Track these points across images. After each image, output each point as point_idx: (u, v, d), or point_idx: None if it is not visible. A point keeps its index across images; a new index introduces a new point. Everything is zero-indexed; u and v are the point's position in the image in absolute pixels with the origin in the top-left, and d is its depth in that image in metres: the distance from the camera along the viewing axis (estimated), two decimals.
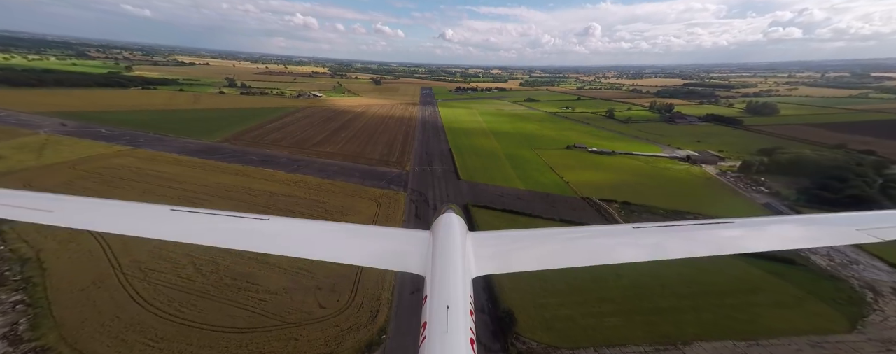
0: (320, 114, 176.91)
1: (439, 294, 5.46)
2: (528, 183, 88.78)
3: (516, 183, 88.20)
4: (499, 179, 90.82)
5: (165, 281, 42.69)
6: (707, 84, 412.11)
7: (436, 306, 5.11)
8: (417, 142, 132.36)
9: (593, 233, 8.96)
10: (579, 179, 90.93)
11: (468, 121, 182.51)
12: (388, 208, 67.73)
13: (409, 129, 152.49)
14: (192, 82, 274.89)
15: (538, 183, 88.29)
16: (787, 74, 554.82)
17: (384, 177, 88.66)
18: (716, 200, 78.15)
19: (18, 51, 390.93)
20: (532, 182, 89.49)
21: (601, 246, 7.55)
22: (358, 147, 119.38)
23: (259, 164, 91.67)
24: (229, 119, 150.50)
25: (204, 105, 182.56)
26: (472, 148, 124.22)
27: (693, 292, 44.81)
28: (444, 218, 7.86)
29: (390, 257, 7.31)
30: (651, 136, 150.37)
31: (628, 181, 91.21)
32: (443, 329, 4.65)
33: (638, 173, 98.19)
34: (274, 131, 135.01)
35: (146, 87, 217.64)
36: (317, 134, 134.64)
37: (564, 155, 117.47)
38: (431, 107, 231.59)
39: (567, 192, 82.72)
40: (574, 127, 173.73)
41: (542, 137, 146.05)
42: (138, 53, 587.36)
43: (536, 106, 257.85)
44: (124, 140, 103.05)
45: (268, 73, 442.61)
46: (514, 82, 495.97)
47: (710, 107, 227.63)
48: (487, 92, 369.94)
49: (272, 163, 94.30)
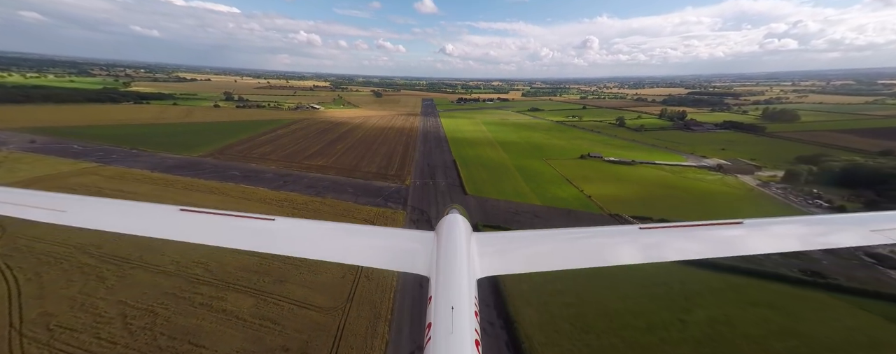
0: (316, 126, 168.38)
1: (444, 295, 5.39)
2: (545, 197, 77.86)
3: (531, 199, 77.28)
4: (510, 194, 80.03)
5: (77, 344, 31.49)
6: (712, 92, 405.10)
7: (441, 307, 5.05)
8: (418, 153, 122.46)
9: (600, 234, 7.94)
10: (602, 193, 79.99)
11: (472, 131, 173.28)
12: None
13: (409, 140, 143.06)
14: (189, 96, 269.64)
15: (556, 199, 77.33)
16: (790, 83, 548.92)
17: (381, 193, 78.14)
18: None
19: (20, 69, 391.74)
20: (549, 196, 78.57)
21: (608, 246, 7.34)
22: (353, 159, 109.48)
23: (241, 181, 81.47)
24: (219, 132, 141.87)
25: (196, 118, 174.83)
26: (478, 159, 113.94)
27: (792, 349, 33.04)
28: (448, 219, 7.78)
29: (395, 258, 7.15)
30: (669, 145, 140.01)
31: (659, 194, 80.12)
32: (448, 331, 4.60)
33: (667, 185, 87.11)
34: (264, 144, 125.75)
35: (138, 102, 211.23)
36: (310, 146, 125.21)
37: (580, 165, 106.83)
38: (433, 117, 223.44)
39: (591, 208, 71.62)
40: (584, 136, 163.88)
41: (552, 147, 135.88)
42: (141, 71, 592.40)
43: (541, 115, 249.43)
44: (95, 156, 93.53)
45: (269, 88, 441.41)
46: (516, 93, 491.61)
47: (723, 115, 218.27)
48: (490, 102, 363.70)
49: (256, 178, 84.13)
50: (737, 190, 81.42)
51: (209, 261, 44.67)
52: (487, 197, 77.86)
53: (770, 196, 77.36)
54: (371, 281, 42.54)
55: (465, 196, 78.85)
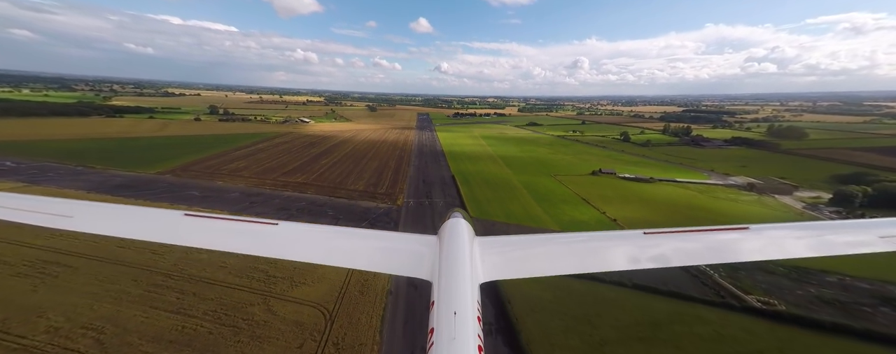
0: (302, 140, 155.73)
1: (447, 299, 5.33)
2: (562, 221, 65.40)
3: (546, 222, 64.72)
4: (521, 216, 67.45)
5: None
6: (706, 110, 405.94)
7: (443, 312, 5.00)
8: (413, 168, 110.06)
9: (604, 238, 7.78)
10: (628, 215, 67.92)
11: (470, 144, 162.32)
12: (364, 273, 42.92)
13: (403, 154, 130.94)
14: (172, 110, 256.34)
15: (576, 223, 64.88)
16: (779, 103, 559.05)
17: (367, 216, 64.89)
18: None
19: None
20: (566, 220, 66.15)
21: (612, 251, 7.19)
22: (339, 176, 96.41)
23: (196, 202, 67.54)
24: (191, 146, 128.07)
25: (170, 132, 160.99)
26: (480, 175, 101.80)
27: None
28: (451, 223, 7.80)
29: (397, 262, 7.08)
30: (682, 160, 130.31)
31: (694, 218, 68.25)
32: (451, 336, 4.54)
33: (700, 207, 75.52)
34: (239, 159, 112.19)
35: (111, 116, 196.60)
36: (291, 161, 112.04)
37: (593, 183, 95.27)
38: (429, 131, 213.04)
39: None
40: (589, 150, 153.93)
41: (559, 163, 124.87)
42: (129, 86, 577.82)
43: (541, 129, 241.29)
44: (26, 175, 78.84)
45: (260, 102, 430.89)
46: (512, 109, 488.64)
47: (725, 131, 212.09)
48: (486, 117, 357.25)
49: (216, 199, 70.29)
50: (785, 214, 70.00)
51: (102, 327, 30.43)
52: (494, 220, 65.08)
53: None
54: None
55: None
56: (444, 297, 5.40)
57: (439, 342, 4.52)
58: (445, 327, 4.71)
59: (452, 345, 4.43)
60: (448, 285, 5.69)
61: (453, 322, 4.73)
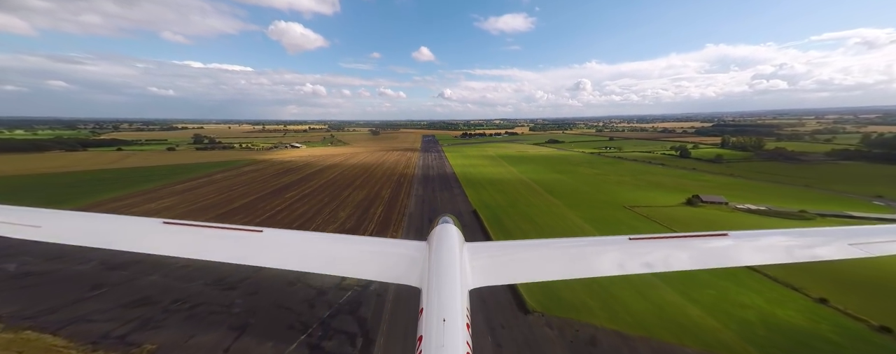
0: (276, 167, 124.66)
1: (436, 307, 5.19)
2: (725, 313, 29.18)
3: (700, 316, 28.62)
4: (645, 311, 31.37)
5: None
6: (740, 124, 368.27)
7: (432, 319, 4.87)
8: (415, 200, 76.20)
9: (590, 244, 7.81)
10: (846, 301, 31.37)
11: (488, 166, 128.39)
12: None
13: (402, 181, 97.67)
14: (156, 141, 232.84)
15: (773, 323, 28.48)
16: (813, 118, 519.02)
17: (310, 317, 29.99)
18: None
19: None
20: (732, 307, 29.95)
21: (599, 257, 7.22)
22: (303, 215, 62.81)
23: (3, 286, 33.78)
24: (127, 180, 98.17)
25: (124, 164, 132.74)
26: (515, 210, 66.68)
27: None
28: (440, 229, 7.65)
29: (385, 268, 6.94)
30: (791, 180, 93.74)
31: None
32: (439, 344, 4.41)
33: None
34: (173, 195, 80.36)
35: (72, 149, 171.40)
36: (244, 195, 79.51)
37: (702, 220, 59.15)
38: (435, 152, 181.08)
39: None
40: (648, 170, 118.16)
41: (619, 188, 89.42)
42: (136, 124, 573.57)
43: (566, 147, 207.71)
44: None
45: (262, 131, 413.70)
46: (522, 128, 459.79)
47: (788, 143, 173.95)
48: (497, 136, 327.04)
49: (43, 281, 36.55)
50: None
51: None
52: (583, 319, 29.31)
53: None
54: None
55: (527, 313, 30.63)
56: (434, 304, 5.20)
57: (428, 350, 4.33)
58: (434, 335, 4.52)
59: (441, 353, 4.26)
60: (437, 292, 5.48)
61: (442, 330, 4.56)
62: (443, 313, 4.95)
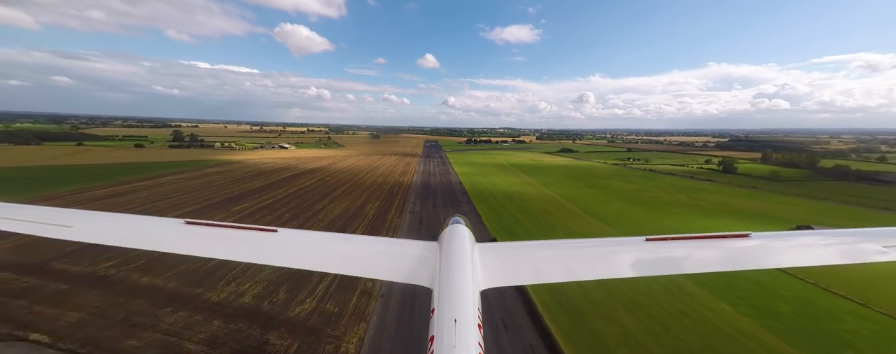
0: (248, 169, 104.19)
1: (447, 307, 5.22)
2: None
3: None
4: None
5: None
6: (759, 140, 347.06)
7: (444, 320, 4.91)
8: (409, 218, 55.51)
9: (605, 245, 7.46)
10: None
11: (501, 175, 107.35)
12: None
13: (396, 191, 76.90)
14: (131, 138, 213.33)
15: None
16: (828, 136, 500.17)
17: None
18: None
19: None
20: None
21: (614, 258, 6.90)
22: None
23: None
24: (61, 178, 78.46)
25: (75, 160, 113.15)
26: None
27: None
28: (451, 230, 7.58)
29: (397, 268, 6.78)
30: (888, 204, 72.96)
31: None
32: (451, 344, 4.45)
33: None
34: (100, 198, 59.92)
35: (25, 142, 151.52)
36: (185, 203, 58.88)
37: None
38: (439, 158, 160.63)
39: None
40: (698, 186, 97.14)
41: (679, 209, 68.55)
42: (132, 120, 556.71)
43: (583, 156, 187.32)
44: None
45: (260, 131, 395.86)
46: (529, 136, 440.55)
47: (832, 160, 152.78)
48: (504, 143, 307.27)
49: None
50: None
51: None
52: None
53: None
54: None
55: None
56: (445, 304, 5.25)
57: (440, 350, 4.40)
58: (446, 335, 4.58)
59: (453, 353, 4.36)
60: (448, 292, 5.54)
61: (454, 330, 4.61)
62: (454, 313, 4.87)
